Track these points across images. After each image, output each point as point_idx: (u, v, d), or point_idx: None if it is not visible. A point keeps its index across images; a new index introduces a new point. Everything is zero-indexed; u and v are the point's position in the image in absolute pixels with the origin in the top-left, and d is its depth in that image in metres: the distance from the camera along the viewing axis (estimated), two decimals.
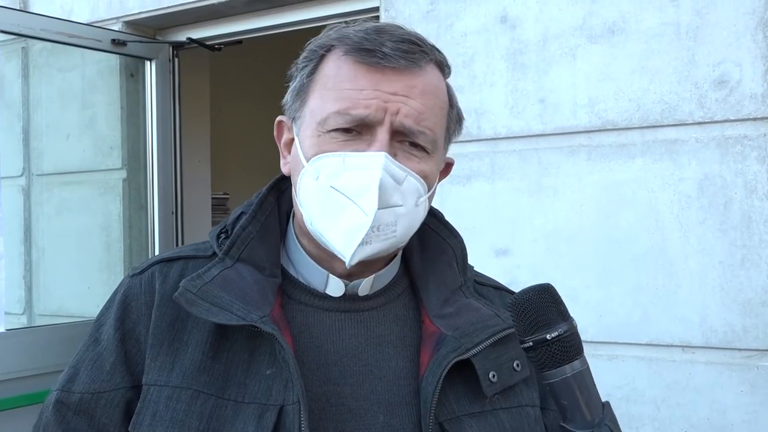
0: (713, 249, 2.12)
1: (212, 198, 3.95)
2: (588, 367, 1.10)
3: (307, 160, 1.12)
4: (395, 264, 1.23)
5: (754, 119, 2.07)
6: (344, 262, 1.11)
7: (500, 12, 2.43)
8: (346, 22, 1.18)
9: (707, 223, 2.13)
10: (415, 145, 1.12)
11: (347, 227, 1.09)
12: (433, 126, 1.13)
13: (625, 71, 2.23)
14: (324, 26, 3.43)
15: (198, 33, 3.24)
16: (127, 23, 3.27)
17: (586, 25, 2.29)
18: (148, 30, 3.34)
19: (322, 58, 1.15)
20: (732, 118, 2.10)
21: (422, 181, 1.13)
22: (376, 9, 2.69)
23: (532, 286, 1.09)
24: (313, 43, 1.17)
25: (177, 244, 3.31)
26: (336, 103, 1.10)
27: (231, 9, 3.09)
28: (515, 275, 2.35)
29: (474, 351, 1.13)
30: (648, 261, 2.20)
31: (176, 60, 3.30)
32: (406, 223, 1.12)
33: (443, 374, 1.10)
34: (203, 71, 3.69)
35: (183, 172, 3.34)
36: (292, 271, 1.20)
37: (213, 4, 3.05)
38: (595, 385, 1.11)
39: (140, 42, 3.19)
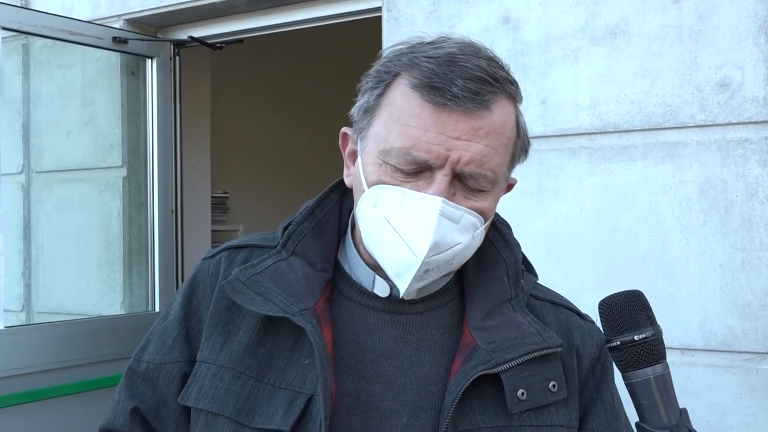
0: (713, 252, 2.12)
1: (212, 197, 3.95)
2: (669, 372, 1.18)
3: (368, 186, 1.13)
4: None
5: (756, 122, 2.07)
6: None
7: (503, 13, 2.42)
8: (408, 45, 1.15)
9: (708, 226, 2.13)
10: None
11: (398, 262, 1.11)
12: (495, 166, 1.12)
13: (627, 73, 2.23)
14: (325, 26, 3.38)
15: (199, 31, 3.24)
16: (129, 21, 3.27)
17: (589, 27, 2.29)
18: (150, 28, 3.34)
19: (390, 82, 1.12)
20: (734, 121, 2.10)
21: (479, 216, 1.13)
22: (379, 9, 2.68)
23: (623, 291, 1.19)
24: (385, 62, 1.15)
25: (177, 243, 3.31)
26: (399, 138, 1.09)
27: (232, 8, 3.09)
28: None
29: (503, 367, 1.13)
30: (648, 263, 2.20)
31: (177, 58, 3.29)
32: (464, 254, 1.14)
33: (466, 385, 1.11)
34: (204, 70, 3.69)
35: (183, 170, 3.33)
36: (346, 268, 1.23)
37: (214, 3, 3.04)
38: (674, 390, 1.17)
39: (141, 40, 3.19)
